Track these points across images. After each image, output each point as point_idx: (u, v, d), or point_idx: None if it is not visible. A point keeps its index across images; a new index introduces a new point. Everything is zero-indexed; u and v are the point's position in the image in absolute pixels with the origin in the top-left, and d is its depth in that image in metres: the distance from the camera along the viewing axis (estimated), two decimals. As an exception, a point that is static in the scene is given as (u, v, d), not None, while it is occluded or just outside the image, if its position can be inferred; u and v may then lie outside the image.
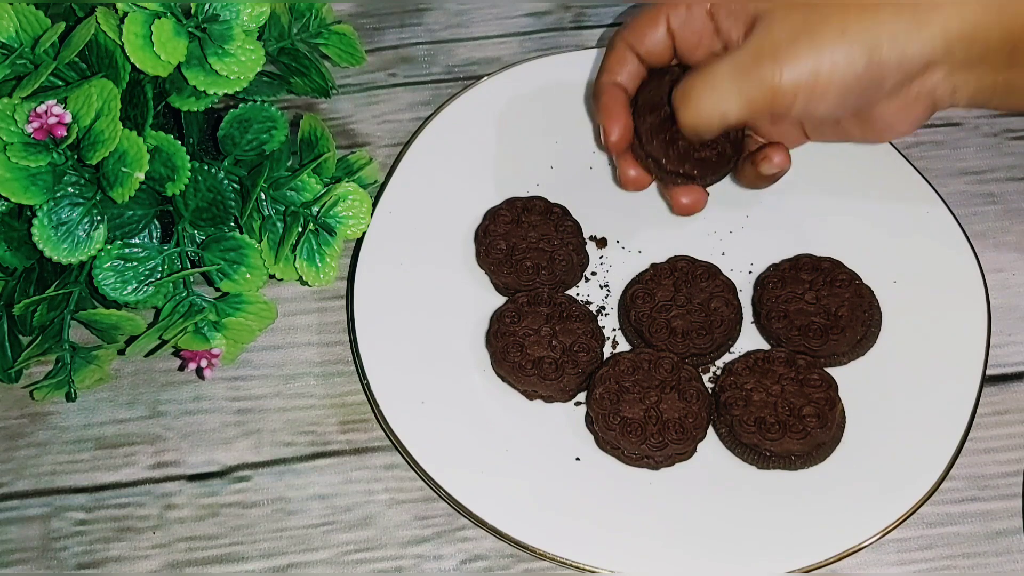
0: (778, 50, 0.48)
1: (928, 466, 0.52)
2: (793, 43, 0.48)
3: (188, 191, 0.52)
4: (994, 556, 0.52)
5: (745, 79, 0.49)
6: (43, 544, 0.53)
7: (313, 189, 0.54)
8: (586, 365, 0.54)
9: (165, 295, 0.53)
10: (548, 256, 0.57)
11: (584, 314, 0.55)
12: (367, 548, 0.52)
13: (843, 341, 0.55)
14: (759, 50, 0.48)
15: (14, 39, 0.50)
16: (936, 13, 0.47)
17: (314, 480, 0.54)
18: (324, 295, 0.59)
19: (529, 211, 0.59)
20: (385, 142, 0.65)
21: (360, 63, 0.62)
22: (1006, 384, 0.56)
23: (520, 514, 0.51)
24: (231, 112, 0.54)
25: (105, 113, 0.48)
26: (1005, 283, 0.59)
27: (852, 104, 0.49)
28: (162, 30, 0.49)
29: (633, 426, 0.52)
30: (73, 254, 0.49)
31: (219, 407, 0.56)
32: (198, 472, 0.54)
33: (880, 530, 0.50)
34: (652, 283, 0.56)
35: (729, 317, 0.55)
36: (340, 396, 0.57)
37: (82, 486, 0.54)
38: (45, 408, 0.56)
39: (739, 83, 0.49)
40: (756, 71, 0.48)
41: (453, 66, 0.68)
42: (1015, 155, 0.64)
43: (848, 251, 0.57)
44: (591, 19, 0.70)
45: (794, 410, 0.52)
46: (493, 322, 0.55)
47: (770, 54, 0.48)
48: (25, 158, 0.47)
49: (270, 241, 0.54)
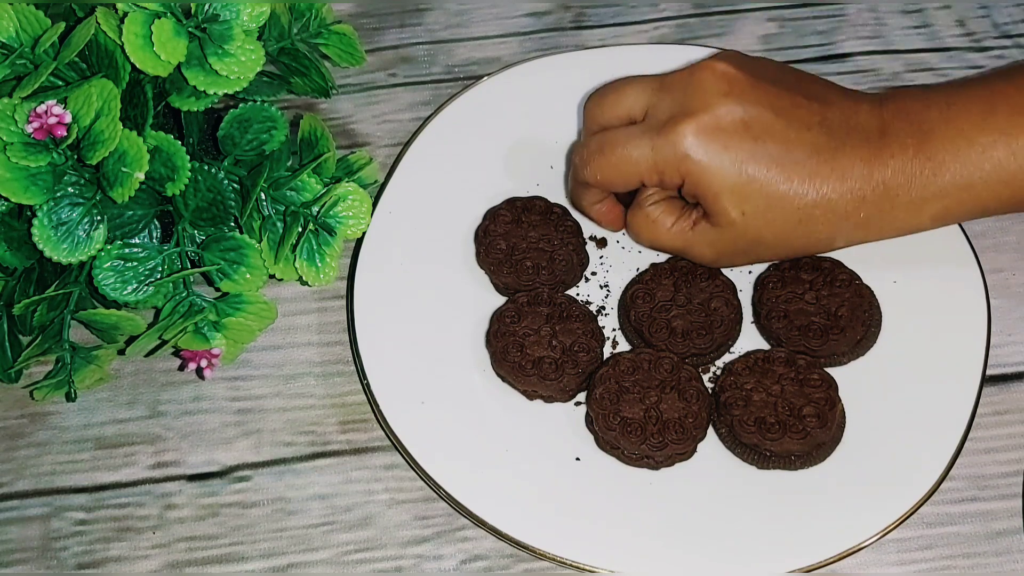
0: (716, 258, 0.55)
1: (928, 466, 0.52)
2: (731, 259, 0.55)
3: (188, 191, 0.52)
4: (994, 556, 0.51)
5: (682, 254, 0.56)
6: (43, 544, 0.53)
7: (313, 189, 0.54)
8: (586, 365, 0.54)
9: (165, 295, 0.53)
10: (548, 256, 0.57)
11: (584, 314, 0.55)
12: (367, 548, 0.52)
13: (843, 341, 0.55)
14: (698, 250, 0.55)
15: (14, 39, 0.50)
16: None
17: (314, 480, 0.54)
18: (324, 295, 0.59)
19: (529, 211, 0.59)
20: (385, 142, 0.65)
21: (360, 63, 0.62)
22: (1006, 384, 0.56)
23: (520, 514, 0.51)
24: (231, 112, 0.54)
25: (105, 113, 0.48)
26: (1005, 283, 0.59)
27: None
28: (162, 30, 0.49)
29: (633, 426, 0.52)
30: (73, 254, 0.49)
31: (219, 407, 0.56)
32: (198, 472, 0.54)
33: (880, 530, 0.50)
34: (652, 283, 0.56)
35: (729, 317, 0.55)
36: (340, 396, 0.57)
37: (82, 486, 0.54)
38: (45, 408, 0.56)
39: (676, 252, 0.56)
40: (694, 259, 0.56)
41: (453, 66, 0.68)
42: (1015, 155, 0.63)
43: (848, 251, 0.57)
44: (591, 19, 0.70)
45: (794, 410, 0.52)
46: (493, 322, 0.55)
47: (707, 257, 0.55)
48: (25, 158, 0.47)
49: (270, 241, 0.54)
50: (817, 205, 0.51)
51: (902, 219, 0.53)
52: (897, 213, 0.52)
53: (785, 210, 0.51)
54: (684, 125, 0.51)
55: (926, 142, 0.52)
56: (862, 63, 0.67)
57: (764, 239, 0.53)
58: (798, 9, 0.70)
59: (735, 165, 0.51)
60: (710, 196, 0.51)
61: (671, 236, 0.55)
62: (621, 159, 0.53)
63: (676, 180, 0.52)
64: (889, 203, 0.52)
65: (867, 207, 0.52)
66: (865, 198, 0.51)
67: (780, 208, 0.51)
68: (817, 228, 0.52)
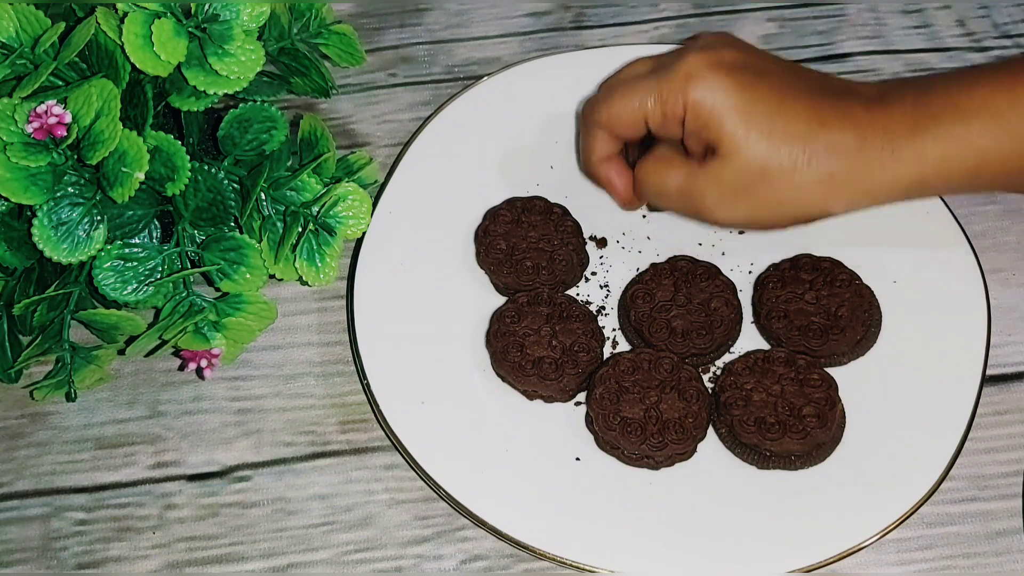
0: (722, 197, 0.52)
1: (928, 466, 0.52)
2: (735, 197, 0.52)
3: (188, 191, 0.52)
4: (994, 556, 0.52)
5: (687, 203, 0.54)
6: (43, 544, 0.53)
7: (313, 189, 0.54)
8: (586, 365, 0.54)
9: (165, 295, 0.53)
10: (548, 256, 0.57)
11: (584, 314, 0.55)
12: (367, 548, 0.52)
13: (843, 341, 0.55)
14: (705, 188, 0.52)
15: (14, 39, 0.50)
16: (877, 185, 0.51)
17: (314, 480, 0.54)
18: (324, 295, 0.59)
19: (529, 211, 0.59)
20: (385, 142, 0.65)
21: (360, 63, 0.62)
22: (1006, 384, 0.56)
23: (520, 514, 0.51)
24: (231, 112, 0.54)
25: (105, 113, 0.48)
26: (1005, 283, 0.59)
27: None
28: (162, 30, 0.49)
29: (633, 426, 0.52)
30: (73, 254, 0.49)
31: (219, 407, 0.56)
32: (198, 472, 0.55)
33: (880, 530, 0.50)
34: (652, 283, 0.56)
35: (729, 317, 0.55)
36: (340, 396, 0.57)
37: (82, 486, 0.54)
38: (45, 408, 0.56)
39: (682, 202, 0.54)
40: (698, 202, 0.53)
41: (453, 66, 0.68)
42: (1015, 155, 0.63)
43: (848, 251, 0.57)
44: (591, 19, 0.70)
45: (794, 410, 0.52)
46: (493, 322, 0.55)
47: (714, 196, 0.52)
48: (25, 158, 0.47)
49: (270, 241, 0.54)
50: (819, 136, 0.50)
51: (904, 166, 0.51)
52: (900, 156, 0.50)
53: (789, 136, 0.50)
54: (689, 56, 0.52)
55: (924, 95, 0.51)
56: (862, 63, 0.67)
57: (769, 170, 0.51)
58: (798, 9, 0.70)
59: (739, 88, 0.51)
60: (714, 119, 0.51)
61: (678, 178, 0.53)
62: (627, 92, 0.53)
63: (679, 111, 0.52)
64: (890, 146, 0.50)
65: (868, 149, 0.50)
66: (866, 138, 0.50)
67: (783, 134, 0.50)
68: (820, 165, 0.50)
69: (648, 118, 0.53)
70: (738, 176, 0.51)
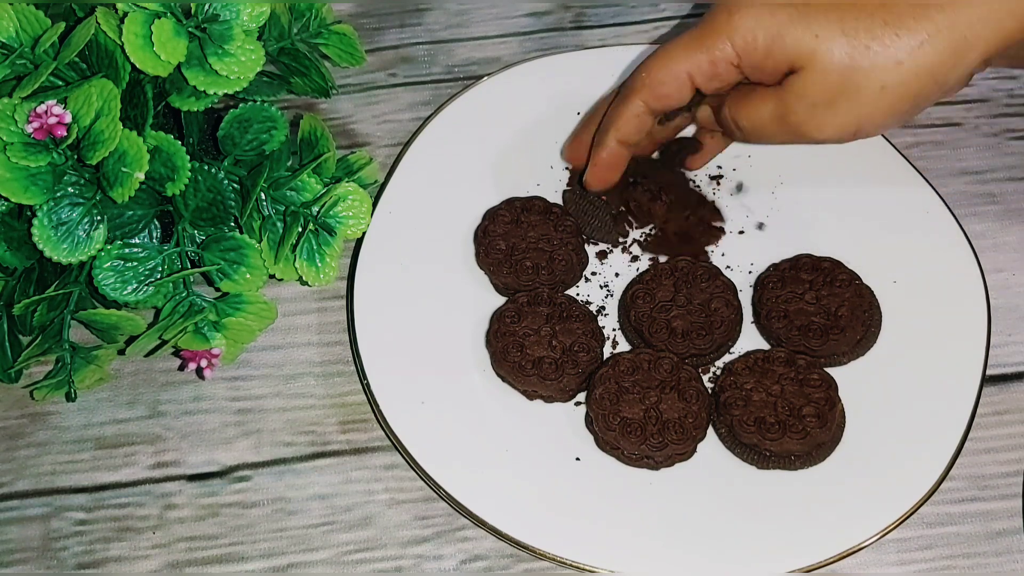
0: (817, 109, 0.49)
1: (928, 466, 0.52)
2: (833, 103, 0.49)
3: (188, 191, 0.52)
4: (994, 556, 0.52)
5: (789, 130, 0.51)
6: (43, 544, 0.53)
7: (313, 189, 0.54)
8: (586, 365, 0.54)
9: (165, 295, 0.53)
10: (548, 256, 0.57)
11: (584, 314, 0.55)
12: (367, 548, 0.52)
13: (843, 341, 0.55)
14: (799, 109, 0.50)
15: (14, 39, 0.50)
16: (976, 42, 0.48)
17: (314, 480, 0.54)
18: (324, 295, 0.59)
19: (528, 211, 0.58)
20: (385, 142, 0.65)
21: (360, 63, 0.62)
22: (1006, 384, 0.56)
23: (520, 514, 0.51)
24: (231, 112, 0.54)
25: (105, 113, 0.48)
26: (1005, 283, 0.59)
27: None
28: (162, 30, 0.49)
29: (633, 426, 0.52)
30: (73, 254, 0.49)
31: (219, 407, 0.56)
32: (198, 472, 0.55)
33: (880, 530, 0.50)
34: (652, 283, 0.56)
35: (729, 317, 0.55)
36: (340, 396, 0.57)
37: (82, 486, 0.54)
38: (45, 408, 0.56)
39: (784, 131, 0.51)
40: (799, 126, 0.50)
41: (453, 66, 0.68)
42: (1015, 155, 0.64)
43: (848, 251, 0.57)
44: (591, 19, 0.70)
45: (794, 410, 0.52)
46: (493, 322, 0.55)
47: (810, 112, 0.50)
48: (25, 158, 0.47)
49: (270, 241, 0.54)
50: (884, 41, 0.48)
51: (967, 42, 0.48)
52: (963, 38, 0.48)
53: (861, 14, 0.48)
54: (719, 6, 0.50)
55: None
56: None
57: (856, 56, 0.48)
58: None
59: (787, 9, 0.49)
60: (775, 44, 0.49)
61: (767, 107, 0.51)
62: (667, 53, 0.52)
63: (727, 49, 0.50)
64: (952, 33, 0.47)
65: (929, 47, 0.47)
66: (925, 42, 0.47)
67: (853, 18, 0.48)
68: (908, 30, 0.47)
69: (694, 75, 0.51)
70: (829, 80, 0.49)
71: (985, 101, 0.66)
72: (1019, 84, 0.66)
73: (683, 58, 0.51)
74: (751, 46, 0.49)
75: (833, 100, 0.49)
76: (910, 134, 0.64)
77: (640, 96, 0.54)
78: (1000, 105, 0.65)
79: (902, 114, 0.50)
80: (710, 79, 0.52)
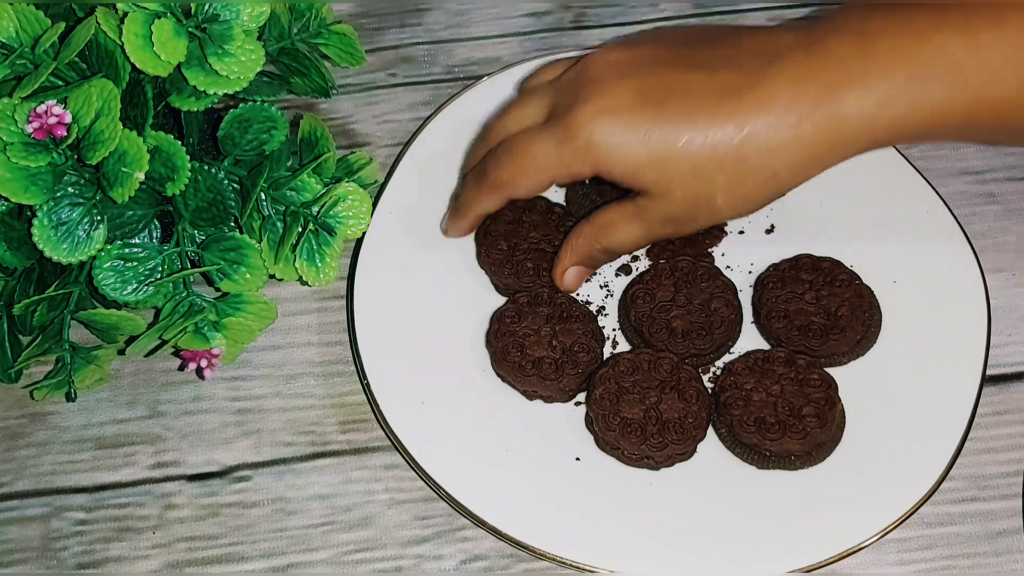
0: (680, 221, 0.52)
1: (928, 466, 0.52)
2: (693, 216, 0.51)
3: (188, 191, 0.52)
4: (994, 556, 0.52)
5: (653, 238, 0.54)
6: (43, 544, 0.53)
7: (313, 189, 0.54)
8: (586, 365, 0.54)
9: (165, 295, 0.53)
10: (549, 257, 0.57)
11: (584, 314, 0.55)
12: (367, 548, 0.52)
13: (843, 341, 0.55)
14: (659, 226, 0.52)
15: (14, 39, 0.50)
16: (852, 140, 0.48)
17: (314, 480, 0.54)
18: (324, 295, 0.60)
19: (530, 211, 0.58)
20: (385, 142, 0.65)
21: (360, 63, 0.62)
22: (1006, 384, 0.56)
23: (520, 514, 0.51)
24: (231, 112, 0.54)
25: (105, 113, 0.48)
26: (1005, 283, 0.59)
27: None
28: (162, 30, 0.49)
29: (633, 426, 0.52)
30: (73, 254, 0.49)
31: (219, 407, 0.56)
32: (198, 472, 0.55)
33: (880, 530, 0.50)
34: (652, 283, 0.56)
35: (729, 318, 0.55)
36: (340, 396, 0.57)
37: (82, 486, 0.54)
38: (45, 408, 0.56)
39: (649, 240, 0.54)
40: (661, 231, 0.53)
41: (453, 66, 0.68)
42: (1015, 155, 0.64)
43: (848, 251, 0.57)
44: (591, 19, 0.70)
45: (794, 410, 0.52)
46: (493, 322, 0.55)
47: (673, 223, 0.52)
48: (25, 158, 0.47)
49: (270, 241, 0.54)
50: (747, 143, 0.47)
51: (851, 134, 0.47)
52: (845, 127, 0.47)
53: (715, 161, 0.48)
54: (581, 112, 0.49)
55: (870, 44, 0.46)
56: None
57: (712, 194, 0.49)
58: (798, 9, 0.70)
59: (641, 137, 0.48)
60: (629, 176, 0.49)
61: (633, 229, 0.53)
62: (528, 157, 0.52)
63: (587, 171, 0.50)
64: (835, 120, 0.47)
65: (806, 126, 0.47)
66: (800, 120, 0.47)
67: (709, 161, 0.48)
68: (759, 167, 0.48)
69: (555, 178, 0.52)
70: (680, 207, 0.50)
71: (985, 101, 0.66)
72: (1019, 84, 0.66)
73: (546, 174, 0.52)
74: (611, 174, 0.50)
75: (685, 218, 0.51)
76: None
77: (502, 193, 0.54)
78: (1000, 105, 0.66)
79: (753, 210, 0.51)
80: (568, 180, 0.53)
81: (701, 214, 0.51)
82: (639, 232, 0.53)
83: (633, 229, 0.53)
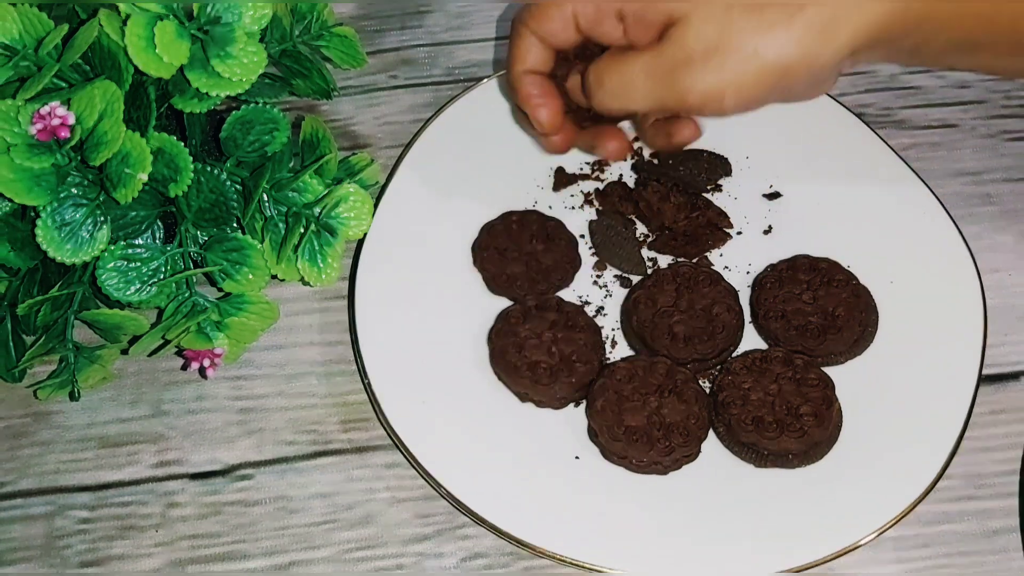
0: (692, 62, 0.47)
1: (925, 465, 0.52)
2: (706, 58, 0.47)
3: (191, 192, 0.52)
4: (991, 554, 0.52)
5: (658, 83, 0.49)
6: (46, 543, 0.53)
7: (315, 190, 0.55)
8: (581, 376, 0.54)
9: (168, 295, 0.53)
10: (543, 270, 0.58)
11: (589, 325, 0.55)
12: (368, 546, 0.53)
13: (840, 341, 0.55)
14: (673, 59, 0.48)
15: (17, 41, 0.50)
16: (845, 23, 0.46)
17: (316, 479, 0.54)
18: (326, 295, 0.60)
19: (524, 225, 0.59)
20: (386, 143, 0.65)
21: (361, 65, 0.63)
22: (1002, 383, 0.56)
23: (520, 512, 0.51)
24: (233, 114, 0.54)
25: (108, 115, 0.48)
26: (1001, 283, 0.59)
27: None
28: (165, 32, 0.49)
29: (639, 434, 0.52)
30: (77, 255, 0.50)
31: (221, 406, 0.57)
32: (201, 471, 0.55)
33: (877, 528, 0.51)
34: (654, 288, 0.56)
35: (731, 322, 0.55)
36: (342, 395, 0.57)
37: (85, 485, 0.54)
38: (49, 407, 0.57)
39: (652, 85, 0.49)
40: (669, 78, 0.48)
41: (454, 68, 0.68)
42: (1011, 156, 0.64)
43: (845, 252, 0.58)
44: (591, 21, 0.70)
45: (791, 409, 0.52)
46: (498, 320, 0.56)
47: (684, 65, 0.48)
48: (29, 159, 0.48)
49: (272, 242, 0.54)
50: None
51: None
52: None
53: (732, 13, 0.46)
54: None
55: None
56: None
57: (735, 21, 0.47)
58: None
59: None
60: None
61: (640, 62, 0.49)
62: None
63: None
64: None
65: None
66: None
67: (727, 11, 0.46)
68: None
69: (578, 14, 0.50)
70: (706, 31, 0.47)
71: (982, 103, 0.66)
72: (1016, 86, 0.67)
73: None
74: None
75: (708, 55, 0.47)
76: (907, 135, 0.64)
77: (528, 25, 0.52)
78: (997, 107, 0.66)
79: (768, 88, 0.48)
80: (593, 24, 0.51)
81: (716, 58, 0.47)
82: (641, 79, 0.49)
83: (640, 62, 0.49)
